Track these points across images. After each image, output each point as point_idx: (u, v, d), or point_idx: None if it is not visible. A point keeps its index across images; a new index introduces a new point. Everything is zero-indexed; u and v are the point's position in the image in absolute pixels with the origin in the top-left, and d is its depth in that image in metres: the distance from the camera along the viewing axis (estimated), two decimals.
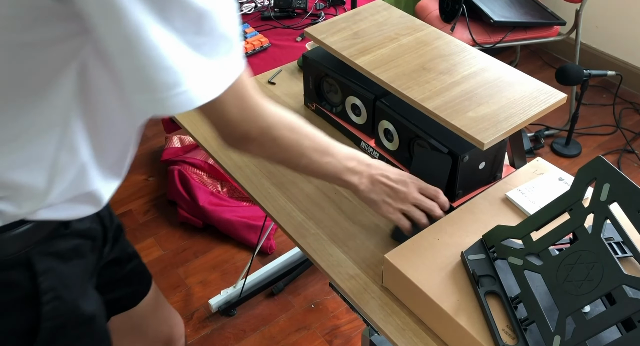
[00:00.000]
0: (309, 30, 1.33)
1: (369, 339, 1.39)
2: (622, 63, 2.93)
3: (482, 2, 2.47)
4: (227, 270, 2.17)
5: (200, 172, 2.36)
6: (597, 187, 0.83)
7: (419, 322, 0.98)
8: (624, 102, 2.88)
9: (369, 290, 1.04)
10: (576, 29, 2.53)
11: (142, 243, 2.28)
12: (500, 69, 1.18)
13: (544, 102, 1.10)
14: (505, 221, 1.05)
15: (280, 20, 1.93)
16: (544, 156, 2.60)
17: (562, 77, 2.32)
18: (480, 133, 1.03)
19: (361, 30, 1.32)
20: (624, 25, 2.85)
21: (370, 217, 1.17)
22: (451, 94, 1.12)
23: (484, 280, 0.93)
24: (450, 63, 1.21)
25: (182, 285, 2.13)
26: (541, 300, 0.87)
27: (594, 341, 0.82)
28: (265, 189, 1.24)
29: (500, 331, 0.87)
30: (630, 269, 0.94)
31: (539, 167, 1.17)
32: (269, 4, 1.98)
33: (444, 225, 1.05)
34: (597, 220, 0.82)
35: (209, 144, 1.36)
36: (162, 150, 2.55)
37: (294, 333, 1.97)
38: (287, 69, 1.58)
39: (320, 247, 1.12)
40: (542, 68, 3.12)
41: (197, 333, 1.98)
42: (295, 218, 1.18)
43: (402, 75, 1.18)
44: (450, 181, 1.13)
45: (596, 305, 0.89)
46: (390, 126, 1.22)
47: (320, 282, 2.12)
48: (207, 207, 2.24)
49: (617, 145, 2.67)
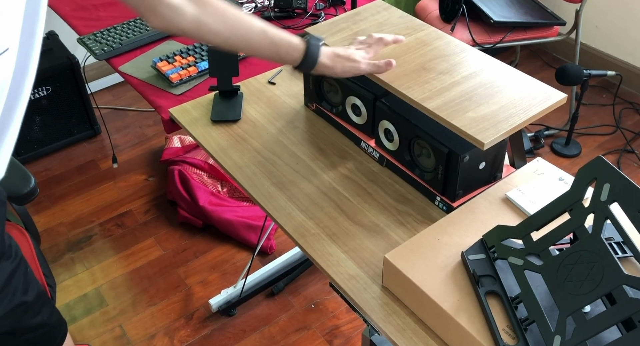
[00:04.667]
0: (309, 31, 1.33)
1: (369, 339, 1.39)
2: (622, 63, 2.93)
3: (482, 2, 2.47)
4: (227, 270, 2.17)
5: (200, 172, 2.36)
6: (597, 187, 0.83)
7: (419, 322, 0.98)
8: (624, 102, 2.88)
9: (369, 290, 1.04)
10: (576, 29, 2.53)
11: (142, 243, 2.29)
12: (500, 69, 1.18)
13: (544, 102, 1.10)
14: (506, 221, 1.05)
15: (280, 20, 1.93)
16: (544, 156, 2.60)
17: (562, 77, 2.32)
18: (480, 133, 1.03)
19: (361, 30, 1.32)
20: (624, 25, 2.85)
21: (370, 217, 1.17)
22: (451, 94, 1.12)
23: (484, 280, 0.93)
24: (450, 63, 1.21)
25: (182, 285, 2.13)
26: (541, 300, 0.87)
27: (594, 341, 0.82)
28: (265, 189, 1.24)
29: (501, 331, 0.87)
30: (631, 269, 0.94)
31: (539, 167, 1.17)
32: (269, 4, 1.98)
33: (444, 225, 1.05)
34: (597, 220, 0.82)
35: (209, 144, 1.36)
36: (162, 150, 2.55)
37: (294, 333, 1.97)
38: (287, 69, 1.58)
39: (320, 247, 1.12)
40: (542, 68, 3.12)
41: (197, 333, 1.98)
42: (295, 218, 1.18)
43: (402, 75, 1.18)
44: (450, 181, 1.13)
45: (596, 305, 0.89)
46: (391, 126, 1.22)
47: (320, 282, 2.12)
48: (207, 207, 2.24)
49: (617, 145, 2.67)
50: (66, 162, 2.67)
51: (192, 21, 1.04)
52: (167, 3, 1.01)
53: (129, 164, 2.64)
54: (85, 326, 2.01)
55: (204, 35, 1.07)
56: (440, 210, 1.18)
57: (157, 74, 1.72)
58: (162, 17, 1.02)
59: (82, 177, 2.59)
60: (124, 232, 2.34)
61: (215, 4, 1.07)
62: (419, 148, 1.19)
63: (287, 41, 1.12)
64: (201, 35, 1.07)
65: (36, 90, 2.50)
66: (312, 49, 1.14)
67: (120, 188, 2.53)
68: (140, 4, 1.01)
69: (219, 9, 1.07)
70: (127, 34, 1.84)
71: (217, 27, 1.06)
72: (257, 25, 1.10)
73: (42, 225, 2.36)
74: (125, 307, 2.07)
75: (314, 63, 1.15)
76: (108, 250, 2.27)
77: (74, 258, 2.24)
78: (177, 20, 1.03)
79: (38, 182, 1.47)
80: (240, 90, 1.49)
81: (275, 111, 1.44)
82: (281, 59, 1.15)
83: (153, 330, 1.99)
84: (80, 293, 2.12)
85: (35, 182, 1.43)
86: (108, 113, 2.91)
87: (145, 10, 1.02)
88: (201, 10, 1.05)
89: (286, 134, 1.38)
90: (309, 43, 1.14)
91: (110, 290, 2.12)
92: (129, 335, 1.98)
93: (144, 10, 1.02)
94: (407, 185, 1.24)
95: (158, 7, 1.01)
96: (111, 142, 2.72)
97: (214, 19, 1.06)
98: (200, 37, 1.08)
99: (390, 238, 1.13)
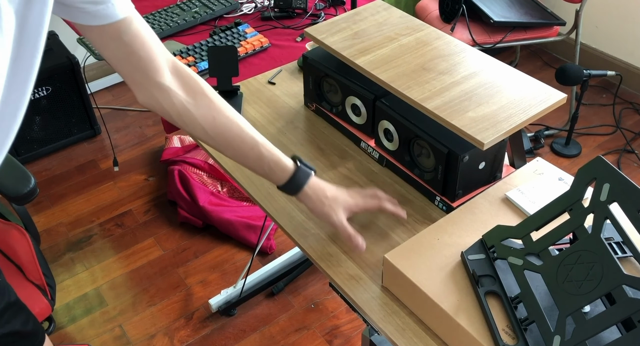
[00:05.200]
0: (309, 31, 1.33)
1: (369, 339, 1.39)
2: (622, 63, 2.93)
3: (482, 2, 2.47)
4: (227, 270, 2.17)
5: (200, 172, 2.36)
6: (597, 187, 0.83)
7: (419, 322, 0.98)
8: (624, 102, 2.88)
9: (369, 290, 1.04)
10: (576, 29, 2.53)
11: (142, 243, 2.29)
12: (500, 69, 1.18)
13: (544, 102, 1.10)
14: (505, 221, 1.05)
15: (280, 20, 1.93)
16: (544, 156, 2.60)
17: (562, 77, 2.32)
18: (480, 133, 1.03)
19: (361, 31, 1.32)
20: (624, 25, 2.85)
21: (370, 216, 1.17)
22: (451, 94, 1.12)
23: (484, 280, 0.93)
24: (450, 63, 1.21)
25: (182, 285, 2.13)
26: (541, 300, 0.87)
27: (594, 341, 0.82)
28: (265, 189, 1.24)
29: (500, 331, 0.87)
30: (630, 269, 0.94)
31: (538, 167, 1.17)
32: (269, 4, 1.98)
33: (444, 225, 1.05)
34: (597, 220, 0.82)
35: None
36: (162, 150, 2.55)
37: (294, 333, 1.97)
38: (287, 69, 1.58)
39: (320, 247, 1.12)
40: (542, 68, 3.12)
41: (197, 333, 1.98)
42: (295, 218, 1.18)
43: (402, 75, 1.18)
44: (450, 181, 1.13)
45: (596, 305, 0.89)
46: (390, 126, 1.22)
47: (320, 282, 2.12)
48: (207, 207, 2.24)
49: (617, 145, 2.67)
50: (66, 162, 2.67)
51: (179, 107, 0.99)
52: (157, 82, 0.97)
53: (129, 164, 2.64)
54: (85, 326, 2.01)
55: (189, 125, 1.01)
56: (440, 210, 1.18)
57: None
58: (151, 95, 0.99)
59: (82, 177, 2.59)
60: (124, 232, 2.34)
61: (212, 98, 1.02)
62: (418, 148, 1.19)
63: (276, 159, 1.06)
64: (186, 125, 1.01)
65: (36, 90, 2.50)
66: (301, 175, 1.06)
67: (120, 188, 2.53)
68: (129, 77, 0.98)
69: (212, 104, 1.01)
70: None
71: (205, 123, 1.01)
72: (249, 133, 1.04)
73: (42, 225, 2.37)
74: (125, 307, 2.07)
75: (298, 190, 1.07)
76: (108, 250, 2.27)
77: (74, 258, 2.24)
78: (165, 104, 0.99)
79: (38, 182, 1.47)
80: (240, 90, 1.49)
81: (275, 111, 1.45)
82: (265, 175, 1.08)
83: (153, 330, 1.99)
84: (80, 293, 2.12)
85: (35, 182, 1.43)
86: (108, 114, 2.91)
87: (133, 83, 0.98)
88: (192, 100, 1.00)
89: (286, 134, 1.38)
90: (299, 168, 1.07)
91: (110, 290, 2.12)
92: (129, 335, 1.98)
93: (132, 83, 0.98)
94: (406, 185, 1.24)
95: (147, 84, 0.98)
96: (111, 142, 2.72)
97: (203, 112, 1.00)
98: (185, 127, 1.02)
99: (390, 238, 1.13)
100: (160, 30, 1.85)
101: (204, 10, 1.94)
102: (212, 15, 1.94)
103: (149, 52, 0.95)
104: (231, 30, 1.83)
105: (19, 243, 1.55)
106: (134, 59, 0.95)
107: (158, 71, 0.97)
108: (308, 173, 1.07)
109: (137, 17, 0.93)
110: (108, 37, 0.91)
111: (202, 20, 1.92)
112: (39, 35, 0.77)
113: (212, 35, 1.83)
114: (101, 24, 0.89)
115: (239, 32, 1.82)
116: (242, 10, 1.99)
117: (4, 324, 1.09)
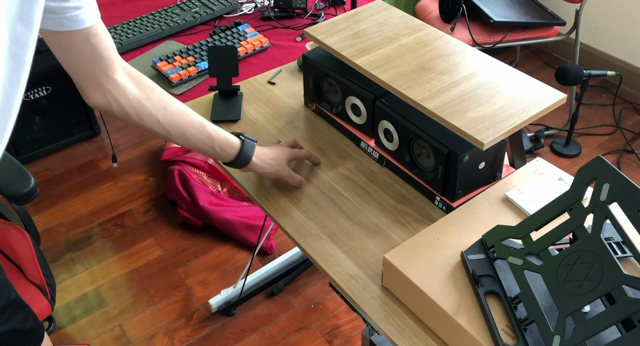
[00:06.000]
0: (309, 31, 1.33)
1: (369, 339, 1.39)
2: (622, 63, 2.93)
3: (482, 2, 2.47)
4: (227, 270, 2.17)
5: (200, 172, 2.36)
6: (597, 187, 0.83)
7: (419, 322, 0.98)
8: (624, 102, 2.88)
9: (369, 290, 1.04)
10: (576, 29, 2.53)
11: (142, 243, 2.29)
12: (500, 69, 1.19)
13: (544, 102, 1.10)
14: (505, 221, 1.05)
15: (280, 20, 1.93)
16: (544, 156, 2.60)
17: (562, 77, 2.32)
18: (480, 133, 1.03)
19: (361, 31, 1.32)
20: (624, 25, 2.85)
21: (370, 217, 1.17)
22: (451, 94, 1.12)
23: (484, 280, 0.93)
24: (450, 63, 1.21)
25: (182, 285, 2.13)
26: (541, 300, 0.87)
27: (594, 341, 0.83)
28: (265, 189, 1.24)
29: (500, 331, 0.87)
30: (630, 269, 0.94)
31: (538, 167, 1.17)
32: (269, 4, 1.98)
33: (444, 225, 1.05)
34: (597, 220, 0.82)
35: None
36: (162, 150, 2.55)
37: (294, 333, 1.97)
38: (287, 69, 1.58)
39: (320, 247, 1.12)
40: (542, 68, 3.12)
41: (197, 333, 1.98)
42: (295, 218, 1.18)
43: (402, 75, 1.18)
44: (450, 181, 1.13)
45: (596, 305, 0.89)
46: (390, 126, 1.22)
47: (320, 282, 2.12)
48: (207, 207, 2.24)
49: (617, 145, 2.67)
50: (66, 162, 2.67)
51: (134, 103, 1.05)
52: (115, 80, 1.02)
53: (128, 164, 2.64)
54: (85, 326, 2.01)
55: (143, 118, 1.07)
56: (440, 210, 1.18)
57: (157, 73, 1.72)
58: (108, 94, 1.02)
59: (82, 177, 2.59)
60: (124, 232, 2.34)
61: (160, 92, 1.09)
62: (418, 148, 1.19)
63: (223, 138, 1.14)
64: (141, 119, 1.07)
65: (36, 90, 2.50)
66: (248, 148, 1.17)
67: (120, 188, 2.53)
68: (86, 79, 1.00)
69: (162, 97, 1.09)
70: (127, 34, 1.84)
71: (158, 114, 1.07)
72: (197, 119, 1.12)
73: (42, 225, 2.36)
74: (125, 307, 2.07)
75: (247, 161, 1.18)
76: (108, 250, 2.27)
77: (74, 258, 2.24)
78: (122, 100, 1.04)
79: (38, 182, 1.47)
80: (240, 90, 1.49)
81: (275, 111, 1.45)
82: (216, 154, 1.16)
83: (153, 330, 1.99)
84: (80, 293, 2.12)
85: (35, 182, 1.43)
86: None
87: (92, 83, 1.01)
88: (144, 95, 1.06)
89: (286, 134, 1.38)
90: (244, 142, 1.17)
91: (110, 290, 2.12)
92: (129, 335, 1.98)
93: (90, 84, 1.01)
94: (406, 185, 1.24)
95: (106, 83, 1.01)
96: (111, 142, 2.72)
97: (156, 106, 1.07)
98: (139, 120, 1.07)
99: (390, 238, 1.13)
100: (160, 30, 1.85)
101: (204, 10, 1.94)
102: (212, 15, 1.94)
103: (110, 52, 1.00)
104: (231, 30, 1.83)
105: (19, 243, 1.55)
106: (98, 59, 0.98)
107: (115, 70, 1.02)
108: (253, 144, 1.18)
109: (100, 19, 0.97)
110: (80, 40, 0.94)
111: (202, 20, 1.92)
112: (29, 32, 0.78)
113: (212, 35, 1.83)
114: (77, 29, 0.92)
115: (239, 32, 1.82)
116: (242, 10, 1.99)
117: (4, 321, 1.10)
